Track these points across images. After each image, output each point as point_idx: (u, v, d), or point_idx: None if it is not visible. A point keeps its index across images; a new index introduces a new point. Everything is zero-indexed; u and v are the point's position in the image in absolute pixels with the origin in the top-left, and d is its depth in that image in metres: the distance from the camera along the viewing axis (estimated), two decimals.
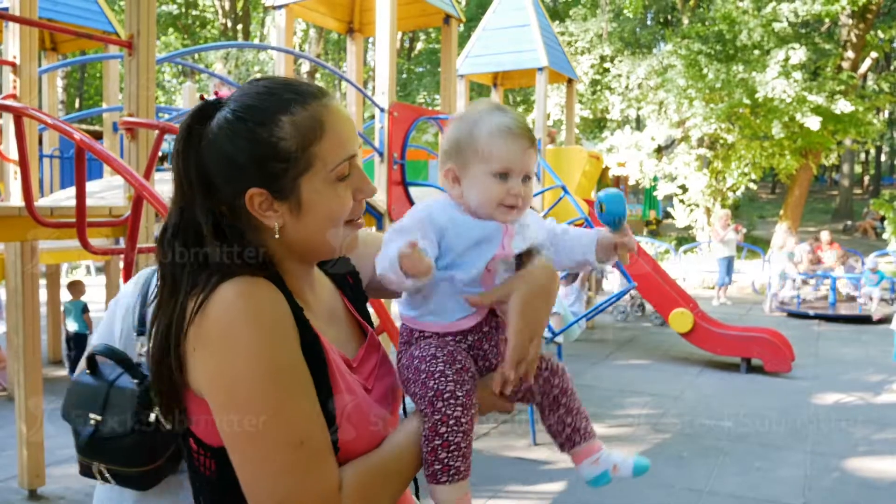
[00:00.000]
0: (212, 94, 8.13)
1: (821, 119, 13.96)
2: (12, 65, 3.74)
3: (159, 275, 1.02)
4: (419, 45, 27.94)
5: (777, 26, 14.91)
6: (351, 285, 1.25)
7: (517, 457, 4.52)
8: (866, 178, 37.85)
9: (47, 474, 4.00)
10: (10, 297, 3.98)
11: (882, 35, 17.54)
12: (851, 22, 17.05)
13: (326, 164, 1.02)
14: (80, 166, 2.94)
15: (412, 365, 1.11)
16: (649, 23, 23.72)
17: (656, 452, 4.80)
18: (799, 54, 14.10)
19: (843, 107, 14.16)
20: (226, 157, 1.00)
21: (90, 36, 4.55)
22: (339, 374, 1.04)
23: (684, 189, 16.92)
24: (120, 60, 5.38)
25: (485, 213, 1.12)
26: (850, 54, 16.71)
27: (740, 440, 5.04)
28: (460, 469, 1.04)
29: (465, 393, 1.06)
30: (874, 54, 18.03)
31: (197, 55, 22.94)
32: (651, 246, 11.54)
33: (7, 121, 3.76)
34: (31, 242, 3.84)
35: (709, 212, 16.50)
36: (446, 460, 1.03)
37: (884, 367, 7.44)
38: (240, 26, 25.52)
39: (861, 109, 14.82)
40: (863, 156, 36.75)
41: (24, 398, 3.81)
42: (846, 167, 27.61)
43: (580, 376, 6.81)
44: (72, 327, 6.46)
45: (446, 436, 1.03)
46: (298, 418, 0.94)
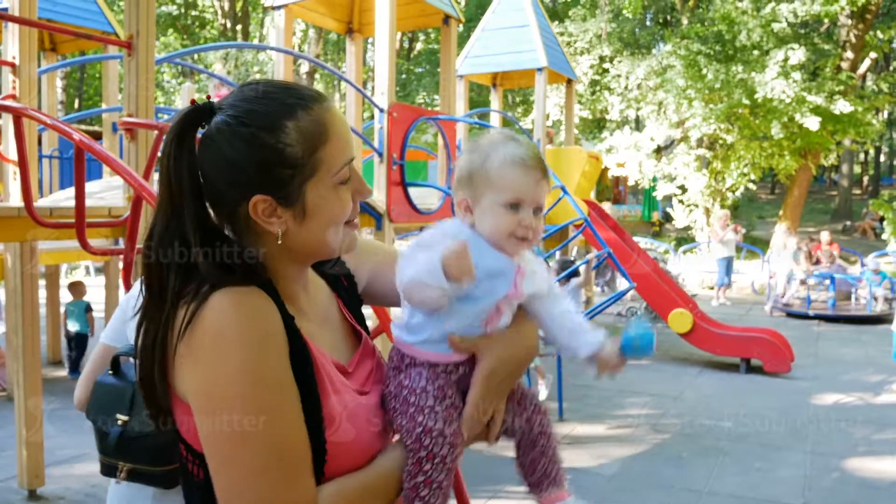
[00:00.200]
0: (212, 95, 8.13)
1: (820, 119, 13.97)
2: (12, 65, 3.74)
3: (144, 280, 1.00)
4: (418, 45, 27.95)
5: (776, 27, 14.92)
6: (346, 288, 1.24)
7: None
8: (865, 178, 37.85)
9: (47, 474, 3.99)
10: (10, 298, 3.98)
11: (881, 35, 17.56)
12: (850, 22, 17.06)
13: (331, 168, 1.02)
14: (79, 167, 2.94)
15: (401, 395, 1.09)
16: (648, 23, 23.75)
17: (656, 453, 4.81)
18: (798, 55, 14.11)
19: (842, 107, 14.17)
20: (228, 163, 0.98)
21: (89, 36, 4.56)
22: (329, 381, 1.03)
23: (683, 189, 16.94)
24: (119, 61, 5.38)
25: (495, 244, 1.11)
26: (850, 55, 16.72)
27: (740, 440, 5.04)
28: None
29: (453, 431, 1.06)
30: (873, 54, 18.04)
31: (196, 56, 22.95)
32: (650, 246, 11.48)
33: (6, 121, 3.76)
34: (30, 243, 3.83)
35: (708, 212, 16.51)
36: (427, 497, 1.03)
37: (883, 367, 7.44)
38: (239, 27, 25.51)
39: (860, 110, 14.84)
40: (862, 156, 36.75)
41: (23, 398, 3.81)
42: (845, 167, 27.62)
43: (580, 376, 6.80)
44: (73, 327, 6.49)
45: (430, 473, 1.03)
46: (279, 430, 0.93)
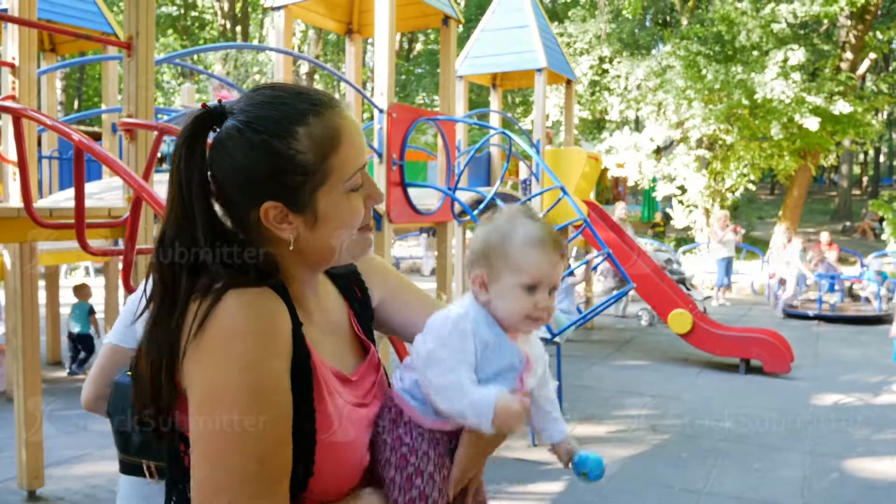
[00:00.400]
0: (212, 95, 8.15)
1: (819, 120, 13.97)
2: (11, 66, 3.74)
3: (155, 280, 1.00)
4: (418, 46, 27.96)
5: (776, 27, 14.93)
6: (359, 298, 1.23)
7: (517, 457, 4.51)
8: (865, 178, 37.87)
9: (46, 475, 3.98)
10: (9, 299, 3.97)
11: (881, 36, 17.57)
12: (850, 23, 17.07)
13: (342, 175, 1.01)
14: (78, 167, 2.93)
15: (399, 451, 1.08)
16: (648, 24, 23.76)
17: (655, 453, 4.81)
18: (798, 55, 14.12)
19: (841, 108, 14.18)
20: (239, 169, 0.98)
21: (89, 37, 4.55)
22: (325, 387, 1.02)
23: (683, 190, 16.94)
24: (119, 62, 5.38)
25: (510, 324, 1.12)
26: (849, 55, 16.73)
27: (739, 441, 5.04)
28: None
29: (444, 501, 1.08)
30: (873, 55, 18.05)
31: (196, 56, 22.98)
32: (661, 248, 11.44)
33: (6, 122, 3.76)
34: (30, 243, 3.83)
35: (708, 213, 16.52)
36: None
37: (883, 367, 7.44)
38: (239, 27, 25.52)
39: (860, 110, 14.84)
40: (861, 157, 36.77)
41: (23, 399, 3.81)
42: (845, 168, 27.64)
43: (579, 376, 6.81)
44: (74, 329, 6.60)
45: None
46: (269, 439, 0.92)
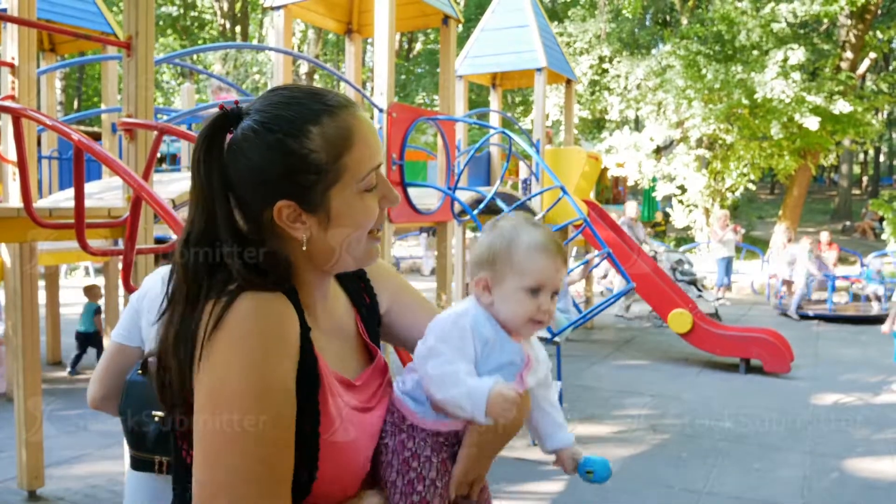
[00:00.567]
0: (210, 97, 8.15)
1: (819, 119, 13.98)
2: (11, 66, 3.73)
3: (177, 280, 1.01)
4: (418, 45, 27.94)
5: (776, 27, 14.93)
6: (367, 305, 1.24)
7: (517, 457, 4.51)
8: (865, 178, 37.88)
9: (46, 475, 3.98)
10: (9, 298, 3.97)
11: (881, 35, 17.58)
12: (850, 22, 17.07)
13: (356, 175, 1.02)
14: (78, 167, 2.93)
15: (402, 456, 1.10)
16: (648, 23, 23.77)
17: (655, 453, 4.81)
18: (798, 55, 14.12)
19: (841, 107, 14.18)
20: (254, 169, 0.99)
21: (89, 37, 4.54)
22: (329, 390, 1.03)
23: (683, 189, 16.95)
24: (118, 61, 5.38)
25: (513, 327, 1.14)
26: (849, 55, 16.74)
27: (739, 441, 5.04)
28: None
29: None
30: (873, 55, 18.07)
31: (195, 56, 22.97)
32: (661, 248, 11.42)
33: (6, 122, 3.75)
34: (29, 243, 3.83)
35: (707, 212, 16.52)
36: None
37: (883, 367, 7.43)
38: (238, 27, 25.52)
39: (860, 110, 14.85)
40: (861, 156, 36.77)
41: (23, 399, 3.81)
42: (845, 168, 27.65)
43: (579, 376, 6.81)
44: (80, 328, 6.86)
45: None
46: (272, 442, 0.93)
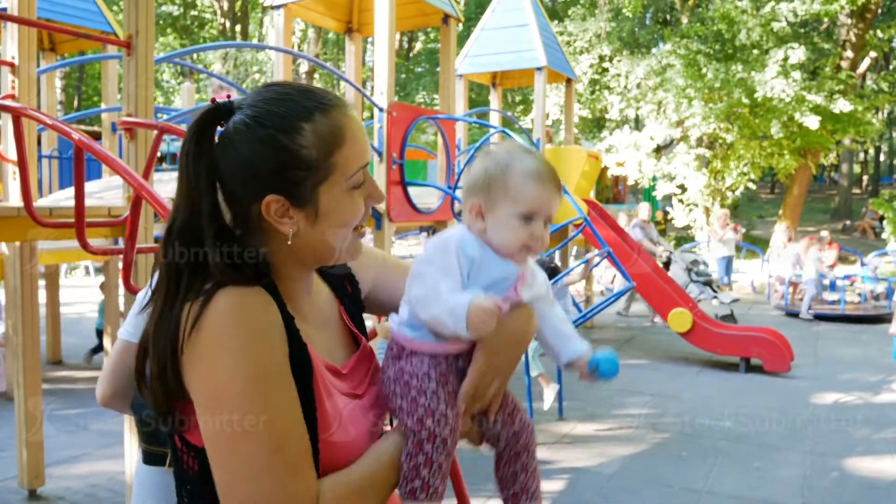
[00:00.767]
0: (211, 94, 8.14)
1: (820, 119, 13.97)
2: (11, 65, 3.74)
3: (159, 275, 1.01)
4: (418, 45, 27.93)
5: (776, 26, 14.92)
6: (349, 294, 1.25)
7: None
8: (865, 177, 37.88)
9: (47, 474, 3.99)
10: (10, 298, 3.97)
11: (881, 34, 17.57)
12: (850, 21, 17.06)
13: (345, 172, 1.03)
14: (78, 166, 2.93)
15: (401, 379, 1.10)
16: (648, 22, 23.74)
17: (655, 452, 4.81)
18: (798, 54, 14.10)
19: (842, 106, 14.17)
20: (244, 163, 1.00)
21: (89, 36, 4.54)
22: (322, 383, 1.03)
23: (683, 189, 16.93)
24: (118, 61, 5.37)
25: (505, 253, 1.13)
26: (849, 54, 16.73)
27: (739, 440, 5.05)
28: (438, 489, 1.05)
29: (455, 415, 1.07)
30: (873, 54, 18.06)
31: (195, 55, 22.95)
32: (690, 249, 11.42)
33: (6, 121, 3.76)
34: (30, 243, 3.83)
35: (708, 211, 16.51)
36: (427, 478, 1.03)
37: (883, 367, 7.44)
38: (238, 26, 25.51)
39: (860, 109, 14.84)
40: (862, 155, 36.76)
41: (23, 398, 3.81)
42: (845, 167, 27.65)
43: None
44: (98, 325, 7.19)
45: (430, 454, 1.03)
46: (278, 425, 0.93)
